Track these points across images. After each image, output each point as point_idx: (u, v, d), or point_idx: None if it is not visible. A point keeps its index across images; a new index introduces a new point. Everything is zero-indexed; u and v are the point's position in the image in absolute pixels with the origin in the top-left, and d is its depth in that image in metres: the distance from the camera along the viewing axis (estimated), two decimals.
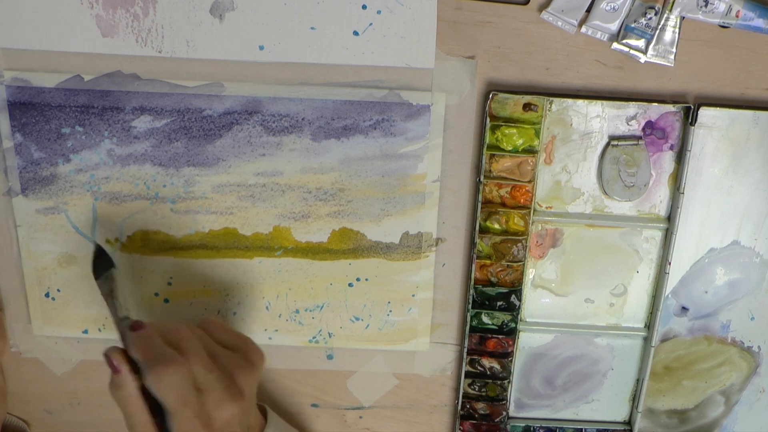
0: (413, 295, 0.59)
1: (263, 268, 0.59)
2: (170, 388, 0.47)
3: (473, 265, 0.58)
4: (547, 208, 0.58)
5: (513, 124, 0.54)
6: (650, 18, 0.51)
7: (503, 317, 0.60)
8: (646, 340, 0.61)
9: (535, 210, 0.57)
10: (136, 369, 0.48)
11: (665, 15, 0.51)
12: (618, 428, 0.64)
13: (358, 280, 0.59)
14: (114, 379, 0.48)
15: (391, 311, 0.60)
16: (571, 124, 0.55)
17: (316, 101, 0.54)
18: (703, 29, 0.52)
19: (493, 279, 0.59)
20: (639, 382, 0.62)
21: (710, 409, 0.64)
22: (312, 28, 0.52)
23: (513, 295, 0.59)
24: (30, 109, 0.54)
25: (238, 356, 0.51)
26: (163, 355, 0.48)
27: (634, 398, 0.63)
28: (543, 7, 0.52)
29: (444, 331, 0.61)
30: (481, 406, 0.62)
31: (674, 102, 0.54)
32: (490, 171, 0.56)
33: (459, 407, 0.62)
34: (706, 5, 0.51)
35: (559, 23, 0.52)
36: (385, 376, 0.62)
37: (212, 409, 0.48)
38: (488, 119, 0.54)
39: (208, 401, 0.48)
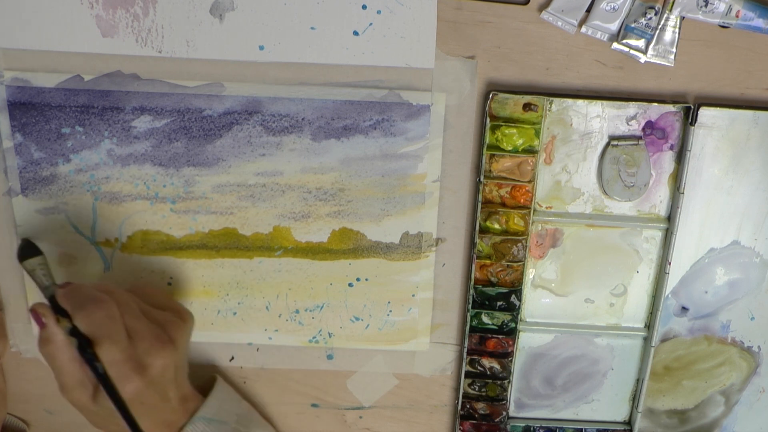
0: (413, 295, 0.59)
1: (263, 268, 0.59)
2: (99, 324, 0.47)
3: (473, 265, 0.58)
4: (547, 208, 0.58)
5: (513, 124, 0.54)
6: (650, 18, 0.51)
7: (503, 317, 0.60)
8: (646, 340, 0.61)
9: (535, 210, 0.57)
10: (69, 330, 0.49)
11: (665, 15, 0.51)
12: (618, 428, 0.64)
13: (358, 280, 0.59)
14: (41, 335, 0.49)
15: (391, 311, 0.60)
16: (571, 124, 0.55)
17: (316, 101, 0.54)
18: (703, 29, 0.52)
19: (493, 279, 0.59)
20: (639, 382, 0.62)
21: (710, 409, 0.64)
22: (312, 28, 0.52)
23: (513, 295, 0.59)
24: (30, 109, 0.54)
25: (167, 313, 0.53)
26: (92, 296, 0.49)
27: (634, 398, 0.63)
28: (543, 7, 0.52)
29: (444, 331, 0.61)
30: (481, 406, 0.62)
31: (674, 102, 0.54)
32: (490, 171, 0.56)
33: (459, 407, 0.62)
34: (706, 5, 0.51)
35: (559, 23, 0.52)
36: (385, 376, 0.62)
37: (144, 357, 0.48)
38: (488, 119, 0.54)
39: (139, 348, 0.48)
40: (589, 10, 0.52)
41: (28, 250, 0.55)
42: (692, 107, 0.54)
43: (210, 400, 0.55)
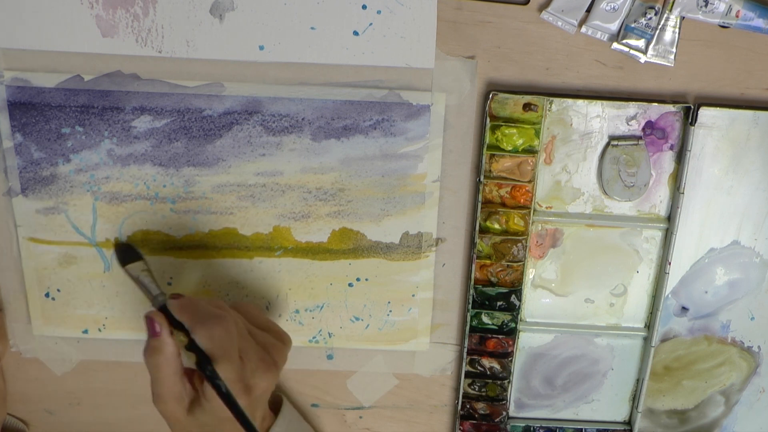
0: (413, 295, 0.59)
1: (263, 268, 0.59)
2: (219, 340, 0.48)
3: (473, 265, 0.58)
4: (547, 208, 0.58)
5: (513, 124, 0.54)
6: (650, 18, 0.51)
7: (503, 317, 0.60)
8: (646, 340, 0.61)
9: (535, 210, 0.57)
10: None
11: (665, 15, 0.51)
12: (618, 428, 0.64)
13: (358, 280, 0.59)
14: (151, 343, 0.49)
15: (391, 311, 0.60)
16: (571, 124, 0.55)
17: (316, 101, 0.54)
18: (703, 29, 0.52)
19: (493, 279, 0.59)
20: (639, 382, 0.62)
21: (710, 409, 0.64)
22: (312, 28, 0.52)
23: (513, 295, 0.59)
24: (30, 109, 0.54)
25: (269, 334, 0.53)
26: (211, 312, 0.49)
27: (634, 398, 0.63)
28: (543, 7, 0.52)
29: (444, 331, 0.61)
30: (481, 406, 0.62)
31: (674, 102, 0.54)
32: (490, 171, 0.56)
33: (459, 407, 0.62)
34: (706, 5, 0.51)
35: (559, 23, 0.52)
36: (385, 376, 0.62)
37: (250, 377, 0.49)
38: (488, 119, 0.54)
39: (246, 368, 0.49)
40: (589, 10, 0.52)
41: (128, 254, 0.55)
42: (692, 107, 0.54)
43: (280, 420, 0.56)
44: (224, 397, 0.47)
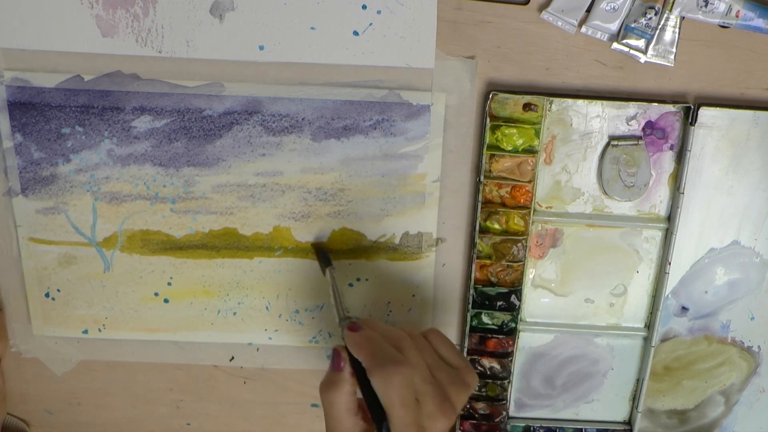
0: (413, 295, 0.59)
1: (263, 268, 0.59)
2: (396, 388, 0.45)
3: (473, 265, 0.58)
4: (547, 208, 0.58)
5: (513, 124, 0.54)
6: (650, 18, 0.51)
7: (503, 317, 0.60)
8: (646, 340, 0.61)
9: (535, 210, 0.57)
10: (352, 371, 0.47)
11: (665, 15, 0.51)
12: (618, 428, 0.64)
13: (358, 280, 0.59)
14: (331, 378, 0.48)
15: (391, 311, 0.60)
16: (571, 124, 0.55)
17: (316, 101, 0.54)
18: (703, 29, 0.52)
19: (493, 279, 0.59)
20: (639, 382, 0.62)
21: (710, 409, 0.64)
22: (312, 28, 0.52)
23: (513, 295, 0.59)
24: (30, 109, 0.54)
25: (454, 373, 0.49)
26: (390, 355, 0.47)
27: (634, 398, 0.63)
28: (543, 7, 0.52)
29: (444, 331, 0.60)
30: (481, 406, 0.62)
31: (674, 102, 0.54)
32: (490, 171, 0.56)
33: None
34: (706, 5, 0.51)
35: (559, 23, 0.52)
36: None
37: (425, 421, 0.46)
38: (488, 119, 0.54)
39: (423, 412, 0.46)
40: (589, 10, 0.52)
41: (323, 258, 0.55)
42: (692, 107, 0.54)
43: None
44: None
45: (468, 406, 0.62)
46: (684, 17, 0.51)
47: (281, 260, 0.58)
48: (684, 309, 0.60)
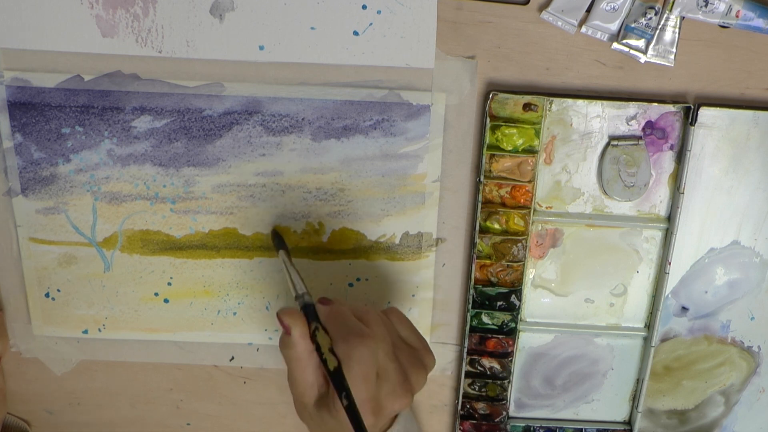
0: (413, 295, 0.59)
1: (263, 268, 0.59)
2: (359, 361, 0.46)
3: (473, 265, 0.58)
4: (547, 208, 0.58)
5: (513, 124, 0.54)
6: (650, 18, 0.51)
7: (503, 317, 0.60)
8: (646, 340, 0.61)
9: (535, 210, 0.57)
10: (309, 333, 0.48)
11: (665, 15, 0.51)
12: (618, 428, 0.64)
13: (358, 280, 0.59)
14: (283, 338, 0.48)
15: None
16: (571, 124, 0.55)
17: (316, 101, 0.54)
18: (703, 29, 0.52)
19: (493, 279, 0.59)
20: (639, 382, 0.62)
21: (710, 410, 0.64)
22: (312, 28, 0.52)
23: (513, 295, 0.59)
24: (30, 109, 0.54)
25: (414, 354, 0.51)
26: (357, 328, 0.48)
27: (634, 398, 0.63)
28: (543, 7, 0.52)
29: (444, 331, 0.61)
30: (481, 406, 0.62)
31: (674, 102, 0.54)
32: (490, 171, 0.56)
33: (459, 407, 0.62)
34: (706, 5, 0.51)
35: (559, 23, 0.52)
36: None
37: (384, 398, 0.47)
38: (488, 119, 0.54)
39: (382, 389, 0.47)
40: (589, 10, 0.52)
41: (281, 241, 0.56)
42: (692, 107, 0.54)
43: (398, 423, 0.53)
44: (350, 414, 0.45)
45: (468, 405, 0.62)
46: (684, 17, 0.51)
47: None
48: (684, 309, 0.60)
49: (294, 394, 0.49)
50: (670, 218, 0.57)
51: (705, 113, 0.54)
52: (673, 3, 0.51)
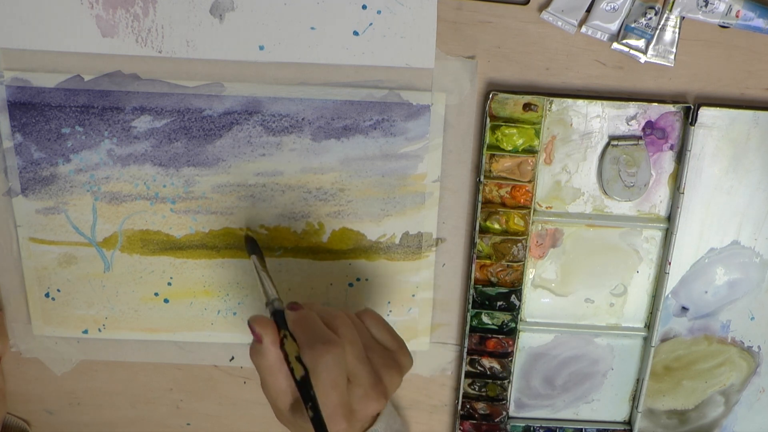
0: (413, 295, 0.59)
1: None
2: (326, 368, 0.46)
3: (473, 265, 0.58)
4: (547, 208, 0.58)
5: (513, 124, 0.54)
6: (650, 18, 0.51)
7: (503, 317, 0.60)
8: (646, 340, 0.61)
9: (535, 210, 0.57)
10: (279, 341, 0.48)
11: (665, 15, 0.51)
12: (618, 428, 0.64)
13: (358, 280, 0.59)
14: (254, 346, 0.48)
15: (391, 311, 0.60)
16: (571, 124, 0.55)
17: (316, 101, 0.54)
18: (703, 29, 0.52)
19: (493, 279, 0.59)
20: (639, 382, 0.62)
21: (710, 410, 0.64)
22: (312, 28, 0.52)
23: (513, 295, 0.59)
24: (30, 109, 0.54)
25: (388, 355, 0.50)
26: (323, 335, 0.47)
27: (634, 398, 0.63)
28: (543, 7, 0.52)
29: (444, 331, 0.61)
30: (481, 406, 0.62)
31: (674, 102, 0.54)
32: (490, 171, 0.56)
33: (459, 407, 0.62)
34: (706, 5, 0.51)
35: (559, 23, 0.52)
36: None
37: (356, 402, 0.47)
38: (488, 119, 0.54)
39: (354, 393, 0.47)
40: (589, 10, 0.52)
41: (255, 246, 0.55)
42: (692, 107, 0.54)
43: (379, 421, 0.53)
44: (315, 425, 0.45)
45: (468, 405, 0.62)
46: (684, 17, 0.51)
47: (281, 260, 0.58)
48: (684, 309, 0.60)
49: (269, 401, 0.49)
50: (670, 218, 0.57)
51: (705, 113, 0.54)
52: (673, 3, 0.51)
